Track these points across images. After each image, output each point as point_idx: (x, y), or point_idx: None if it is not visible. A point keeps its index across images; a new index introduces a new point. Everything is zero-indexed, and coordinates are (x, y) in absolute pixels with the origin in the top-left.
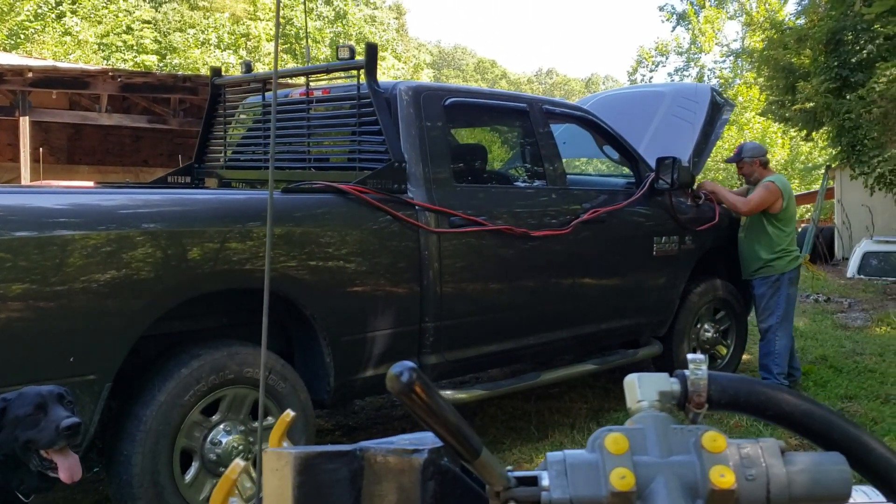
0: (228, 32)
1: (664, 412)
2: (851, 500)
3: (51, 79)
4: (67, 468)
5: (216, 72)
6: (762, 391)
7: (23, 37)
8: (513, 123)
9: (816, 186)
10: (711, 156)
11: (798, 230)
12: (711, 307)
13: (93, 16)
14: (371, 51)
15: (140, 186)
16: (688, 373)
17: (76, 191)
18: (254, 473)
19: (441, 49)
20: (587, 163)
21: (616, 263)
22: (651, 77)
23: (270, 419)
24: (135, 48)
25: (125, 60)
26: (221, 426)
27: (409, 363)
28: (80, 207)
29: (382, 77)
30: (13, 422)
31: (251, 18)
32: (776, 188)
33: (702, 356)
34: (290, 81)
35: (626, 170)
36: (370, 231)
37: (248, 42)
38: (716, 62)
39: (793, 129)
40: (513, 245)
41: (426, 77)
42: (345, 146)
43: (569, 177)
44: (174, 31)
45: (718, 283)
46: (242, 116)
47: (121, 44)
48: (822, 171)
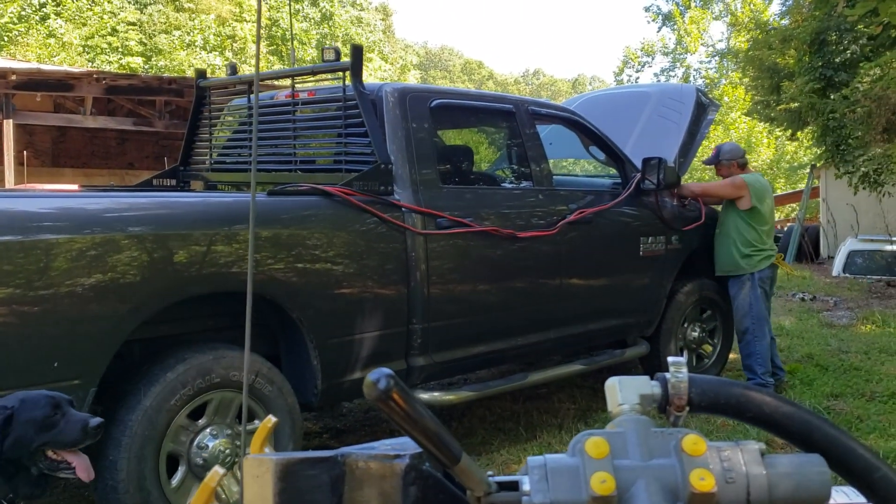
0: (214, 34)
1: (645, 415)
2: (832, 501)
3: (35, 81)
4: (85, 467)
5: (201, 74)
6: (742, 393)
7: (6, 39)
8: (499, 125)
9: (802, 186)
10: (697, 156)
11: (784, 229)
12: (698, 307)
13: (77, 18)
14: (356, 52)
15: (125, 189)
16: (668, 375)
17: (61, 194)
18: (233, 481)
19: (428, 50)
20: (574, 163)
21: (603, 264)
22: (637, 77)
23: (257, 422)
24: (120, 50)
25: (110, 63)
26: (208, 430)
27: (386, 370)
28: (65, 211)
29: (370, 78)
30: (27, 424)
31: (237, 20)
32: (741, 182)
33: (682, 359)
34: (276, 83)
35: (613, 170)
36: (357, 233)
37: (234, 44)
38: (701, 62)
39: (778, 129)
40: (500, 246)
41: (413, 78)
42: (331, 148)
43: (555, 177)
44: (159, 33)
45: (705, 283)
46: (228, 119)
47: (106, 46)
48: (808, 171)
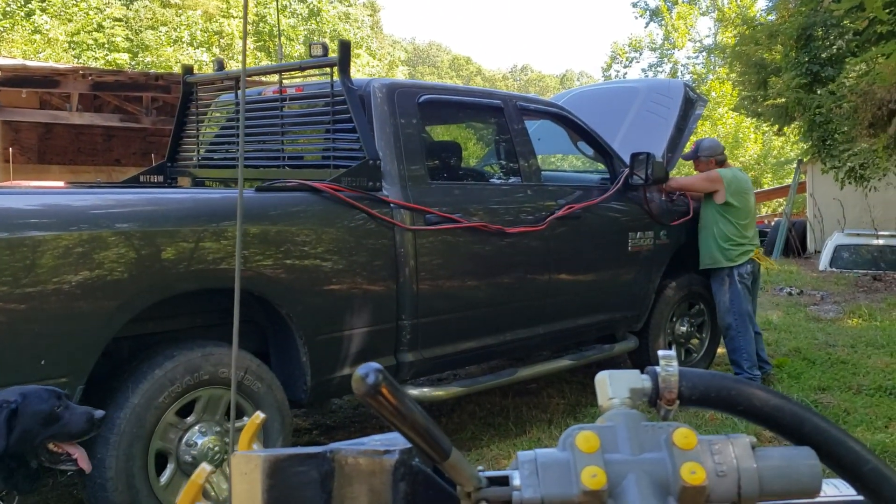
0: (201, 30)
1: (635, 409)
2: (822, 494)
3: (20, 77)
4: (86, 458)
5: (188, 70)
6: (732, 387)
7: None
8: (487, 120)
9: (789, 181)
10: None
11: (771, 224)
12: (686, 301)
13: (63, 14)
14: (344, 48)
15: (112, 186)
16: (659, 369)
17: (47, 191)
18: (222, 478)
19: (416, 46)
20: (562, 159)
21: (591, 259)
22: (625, 73)
23: (246, 419)
24: (106, 46)
25: (96, 59)
26: (197, 427)
27: (375, 365)
28: (52, 208)
29: (357, 75)
30: (32, 417)
31: (224, 16)
32: (716, 176)
33: (672, 352)
34: (264, 79)
35: (601, 166)
36: (345, 229)
37: (222, 40)
38: (689, 58)
39: (765, 124)
40: (488, 242)
41: (401, 74)
42: (319, 144)
43: (544, 173)
44: (146, 29)
45: (693, 278)
46: (215, 115)
47: (92, 42)
48: (794, 166)
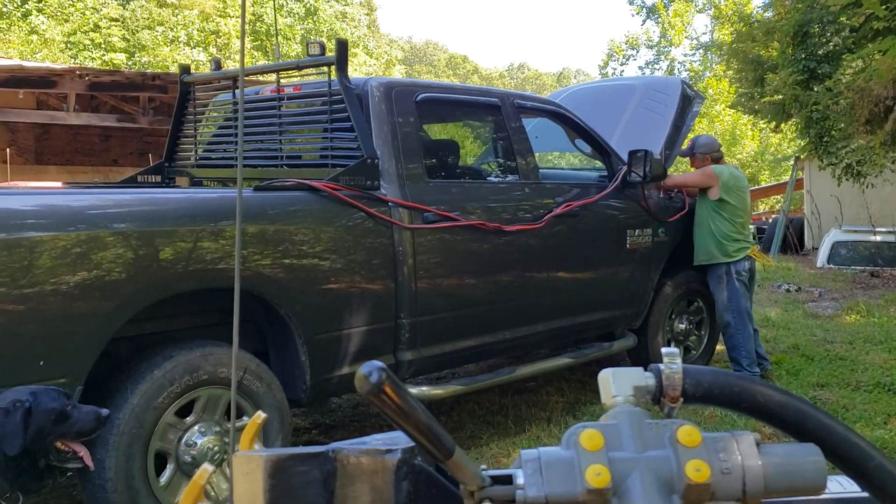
0: (198, 30)
1: (639, 407)
2: (827, 491)
3: (17, 78)
4: (90, 456)
5: (185, 69)
6: (737, 384)
7: None
8: (485, 118)
9: (786, 177)
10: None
11: (768, 221)
12: (685, 298)
13: (59, 14)
14: (341, 47)
15: (109, 186)
16: (662, 367)
17: (45, 191)
18: (222, 478)
19: (413, 45)
20: (560, 157)
21: (590, 257)
22: (622, 71)
23: (246, 419)
24: (103, 46)
25: (93, 59)
26: (196, 428)
27: (378, 363)
28: (49, 208)
29: (354, 73)
30: (45, 416)
31: (221, 15)
32: (711, 172)
33: (676, 350)
34: (261, 78)
35: (599, 163)
36: (343, 228)
37: (218, 39)
38: (686, 55)
39: (762, 121)
40: (486, 240)
41: (398, 73)
42: (316, 143)
43: (541, 171)
44: (143, 29)
45: (691, 275)
46: (213, 114)
47: (88, 42)
48: (791, 163)
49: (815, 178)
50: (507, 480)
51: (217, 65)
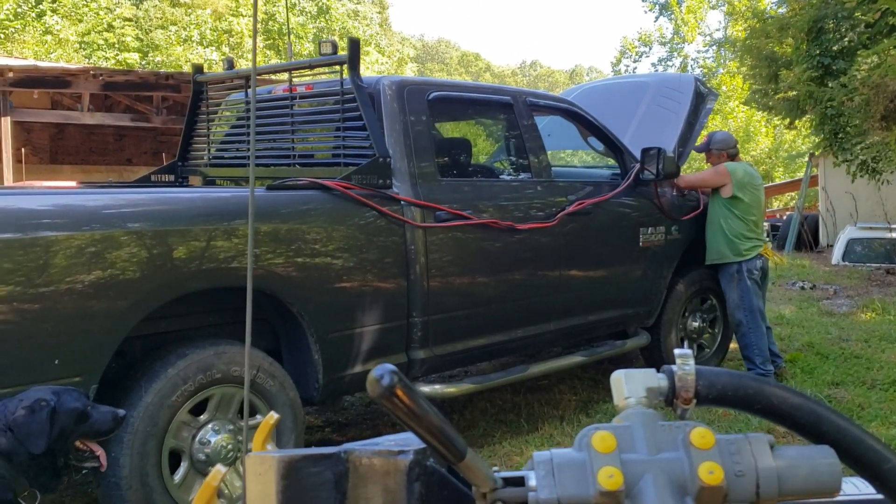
0: (211, 29)
1: (651, 409)
2: (841, 493)
3: (32, 78)
4: (105, 455)
5: (198, 69)
6: (750, 385)
7: (2, 36)
8: (497, 116)
9: (800, 174)
10: (696, 143)
11: (783, 218)
12: (698, 296)
13: (73, 14)
14: (354, 45)
15: (123, 186)
16: (675, 368)
17: (59, 191)
18: (235, 476)
19: (425, 43)
20: (572, 154)
21: (603, 255)
22: (635, 68)
23: (259, 418)
24: (116, 46)
25: (107, 59)
26: (210, 426)
27: (390, 366)
28: (64, 208)
29: (367, 72)
30: (67, 415)
31: (233, 15)
32: (724, 170)
33: (689, 351)
34: (274, 77)
35: (612, 161)
36: (356, 227)
37: (231, 38)
38: (699, 52)
39: (776, 118)
40: (499, 238)
41: (410, 71)
42: (329, 142)
43: (554, 169)
44: (156, 29)
45: (705, 273)
46: (225, 113)
47: (102, 42)
48: (806, 159)
49: (830, 175)
50: (520, 482)
51: (230, 64)
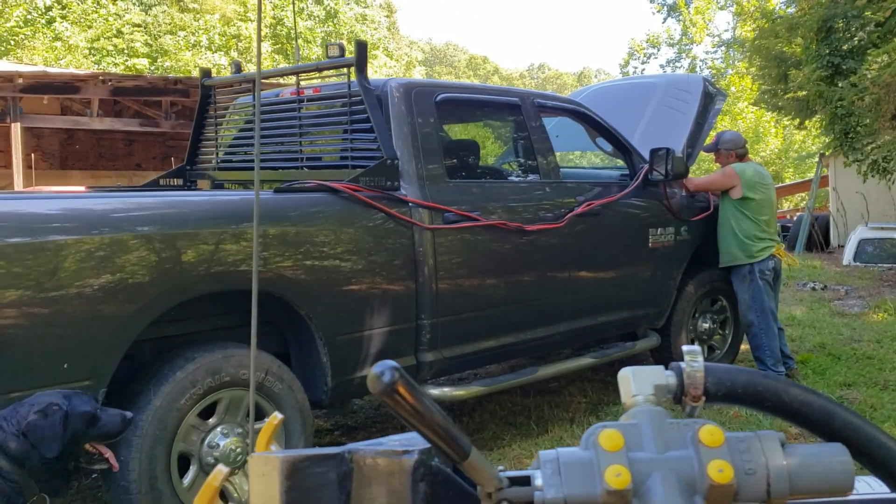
0: (219, 34)
1: (660, 406)
2: (854, 492)
3: (41, 84)
4: (115, 457)
5: (206, 73)
6: (760, 382)
7: (13, 43)
8: (505, 118)
9: (810, 175)
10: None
11: (793, 219)
12: (709, 297)
13: (83, 20)
14: (361, 48)
15: (132, 190)
16: (684, 365)
17: (68, 195)
18: (244, 479)
19: (433, 46)
20: (581, 156)
21: (612, 256)
22: (643, 69)
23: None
24: (125, 52)
25: (116, 64)
26: (218, 429)
27: (391, 362)
28: (73, 212)
29: (375, 75)
30: (79, 418)
31: (241, 20)
32: (731, 172)
33: (697, 348)
34: (281, 81)
35: (620, 162)
36: (364, 229)
37: (239, 43)
38: (707, 53)
39: (786, 118)
40: (507, 240)
41: (418, 74)
42: (337, 144)
43: (562, 170)
44: (165, 34)
45: (715, 273)
46: (234, 117)
47: (111, 48)
48: (816, 160)
49: (841, 175)
50: (525, 481)
51: (237, 68)
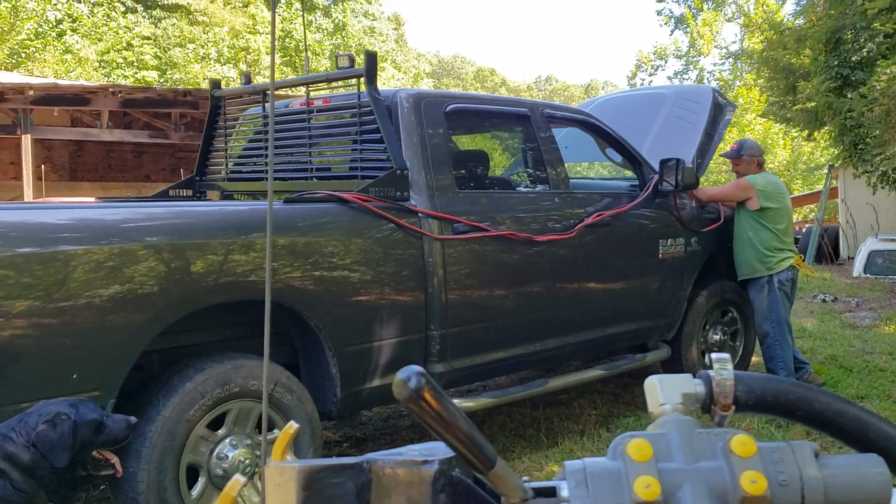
0: (228, 46)
1: (688, 416)
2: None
3: (52, 96)
4: (119, 462)
5: (216, 84)
6: (792, 391)
7: (24, 55)
8: (514, 128)
9: (820, 186)
10: (714, 157)
11: (802, 230)
12: (719, 309)
13: (93, 33)
14: (371, 59)
15: (141, 200)
16: (713, 373)
17: (78, 206)
18: (253, 491)
19: (440, 58)
20: (590, 167)
21: (622, 267)
22: (650, 81)
23: (277, 432)
24: (135, 64)
25: (126, 77)
26: (227, 440)
27: (417, 367)
28: (83, 222)
29: (383, 87)
30: (87, 426)
31: (250, 32)
32: (746, 184)
33: (727, 355)
34: (291, 92)
35: (630, 172)
36: (374, 239)
37: (248, 56)
38: (715, 64)
39: (794, 130)
40: (517, 250)
41: (426, 86)
42: (346, 155)
43: (572, 181)
44: (174, 47)
45: (726, 285)
46: (243, 128)
47: (121, 60)
48: (825, 171)
49: (850, 187)
50: (551, 493)
51: (247, 79)
